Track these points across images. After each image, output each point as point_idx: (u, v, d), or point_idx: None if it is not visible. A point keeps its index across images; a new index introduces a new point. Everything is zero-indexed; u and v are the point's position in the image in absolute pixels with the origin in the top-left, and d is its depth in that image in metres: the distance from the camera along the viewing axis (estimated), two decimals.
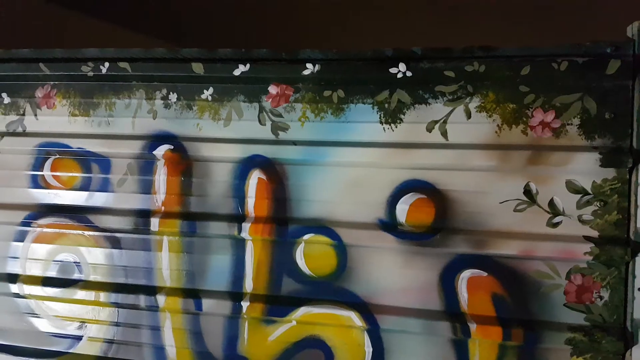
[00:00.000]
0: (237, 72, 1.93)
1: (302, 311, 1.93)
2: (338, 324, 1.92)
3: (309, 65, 1.89)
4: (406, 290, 1.87)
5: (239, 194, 1.97)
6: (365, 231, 1.88)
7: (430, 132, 1.84)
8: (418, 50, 1.84)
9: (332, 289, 1.92)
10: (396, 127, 1.85)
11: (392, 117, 1.85)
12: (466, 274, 1.85)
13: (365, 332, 1.89)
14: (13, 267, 2.12)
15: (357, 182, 1.89)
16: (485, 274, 1.83)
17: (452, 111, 1.83)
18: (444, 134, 1.83)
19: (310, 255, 1.94)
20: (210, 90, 1.96)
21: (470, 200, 1.83)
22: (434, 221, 1.85)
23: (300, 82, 1.91)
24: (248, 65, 1.92)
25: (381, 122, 1.86)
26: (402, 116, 1.85)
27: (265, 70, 1.92)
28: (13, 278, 2.12)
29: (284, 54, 1.91)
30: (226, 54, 1.93)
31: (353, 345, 1.91)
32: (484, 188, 1.82)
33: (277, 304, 1.95)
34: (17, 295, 2.11)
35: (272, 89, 1.92)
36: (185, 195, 2.01)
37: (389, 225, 1.87)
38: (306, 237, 1.92)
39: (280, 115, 1.91)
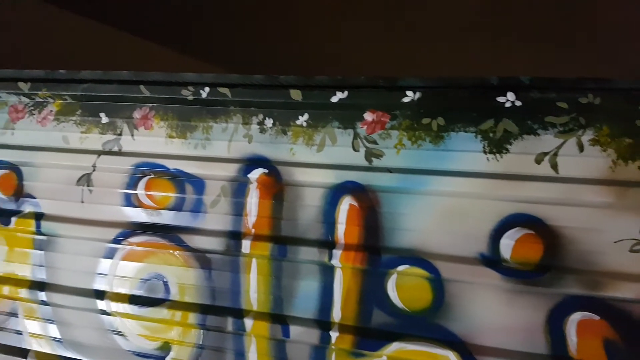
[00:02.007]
0: (334, 99, 1.40)
1: (394, 347, 1.38)
2: None
3: (409, 93, 1.34)
4: (509, 330, 1.32)
5: (330, 220, 1.46)
6: (465, 266, 1.33)
7: (539, 164, 1.29)
8: (526, 80, 1.33)
9: (427, 325, 1.38)
10: (501, 157, 1.30)
11: (497, 146, 1.31)
12: (576, 316, 1.29)
13: None
14: (101, 284, 1.63)
15: (456, 213, 1.36)
16: (598, 317, 1.28)
17: (563, 143, 1.28)
18: (554, 166, 1.28)
19: (404, 288, 1.40)
20: (306, 116, 1.45)
21: (582, 238, 1.28)
22: (542, 259, 1.29)
23: (398, 109, 1.39)
24: (346, 92, 1.36)
25: (485, 152, 1.32)
26: (508, 146, 1.31)
27: (363, 97, 1.42)
28: (100, 295, 1.63)
29: (382, 81, 1.36)
30: (324, 81, 1.43)
31: None
32: (597, 225, 1.28)
33: (367, 337, 1.41)
34: (103, 312, 1.63)
35: (368, 116, 1.40)
36: (276, 218, 1.51)
37: (492, 260, 1.32)
38: (400, 268, 1.37)
39: (375, 142, 1.38)
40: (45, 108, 1.70)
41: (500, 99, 1.36)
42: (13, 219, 1.69)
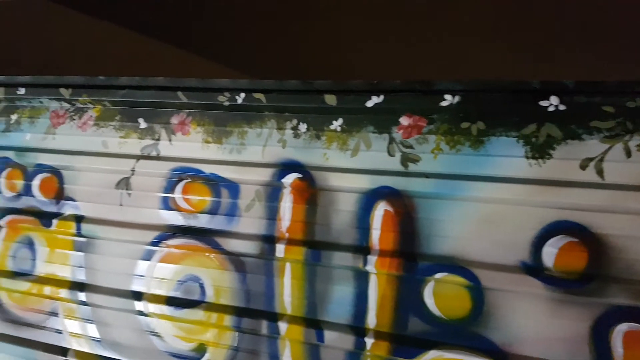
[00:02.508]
0: (369, 104, 1.29)
1: (431, 355, 1.27)
2: None
3: (448, 97, 1.21)
4: (551, 341, 1.19)
5: (364, 225, 1.36)
6: (506, 274, 1.21)
7: (584, 170, 1.16)
8: (570, 83, 1.20)
9: (466, 334, 1.26)
10: (544, 162, 1.18)
11: (539, 151, 1.19)
12: (622, 327, 1.16)
13: None
14: (138, 285, 1.56)
15: (496, 220, 1.24)
16: None
17: (609, 149, 1.16)
18: (600, 172, 1.15)
19: (442, 296, 1.28)
20: (340, 120, 1.36)
21: (628, 246, 1.15)
22: (586, 267, 1.17)
23: (436, 113, 1.27)
24: (382, 97, 1.25)
25: (527, 157, 1.20)
26: (551, 151, 1.18)
27: (399, 102, 1.30)
28: (138, 296, 1.56)
29: (419, 85, 1.24)
30: (359, 85, 1.32)
31: None
32: None
33: (403, 344, 1.30)
34: (141, 313, 1.56)
35: (404, 120, 1.29)
36: (310, 223, 1.42)
37: (534, 269, 1.20)
38: (438, 275, 1.27)
39: (411, 147, 1.28)
40: (85, 113, 1.64)
41: (543, 103, 1.23)
42: (54, 221, 1.64)
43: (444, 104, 1.29)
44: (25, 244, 1.68)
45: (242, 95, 1.46)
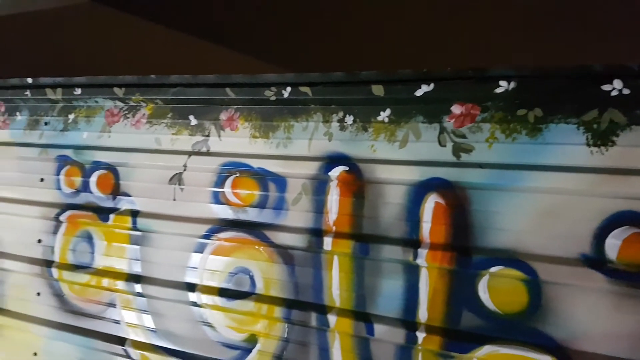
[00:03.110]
0: (419, 93, 1.28)
1: (486, 350, 1.26)
2: None
3: (503, 83, 1.19)
4: (615, 336, 1.17)
5: (414, 218, 1.37)
6: (566, 267, 1.20)
7: None
8: (635, 66, 1.13)
9: (522, 329, 1.25)
10: (607, 150, 1.15)
11: (602, 139, 1.16)
12: None
13: None
14: (192, 277, 1.64)
15: (555, 211, 1.22)
16: None
17: None
18: None
19: (497, 290, 1.28)
20: (388, 111, 1.37)
21: None
22: None
23: (490, 101, 1.24)
24: (432, 85, 1.24)
25: (588, 145, 1.17)
26: (614, 138, 1.16)
27: (450, 90, 1.29)
28: (191, 287, 1.64)
29: (472, 72, 1.23)
30: (408, 74, 1.32)
31: None
32: None
33: (456, 339, 1.29)
34: (194, 304, 1.64)
35: (456, 109, 1.29)
36: (358, 216, 1.43)
37: (596, 261, 1.18)
38: (493, 269, 1.26)
39: (463, 136, 1.27)
40: (138, 112, 1.73)
41: (606, 88, 1.19)
42: (111, 216, 1.74)
43: (498, 90, 1.27)
44: (84, 238, 1.80)
45: (289, 89, 1.50)
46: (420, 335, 1.34)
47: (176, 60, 2.38)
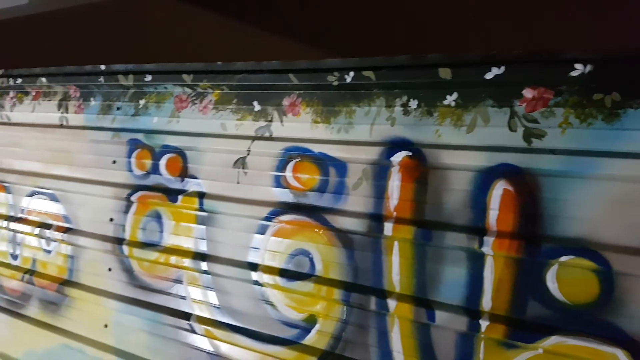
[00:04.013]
0: (488, 76, 1.30)
1: (552, 340, 1.29)
2: None
3: (579, 66, 1.19)
4: None
5: (480, 205, 1.39)
6: None
7: None
8: None
9: (593, 320, 1.26)
10: None
11: None
12: None
13: None
14: (254, 257, 1.76)
15: (632, 200, 1.21)
16: None
17: None
18: None
19: (566, 280, 1.29)
20: (455, 95, 1.39)
21: None
22: None
23: (564, 85, 1.23)
24: (503, 68, 1.25)
25: None
26: None
27: (522, 73, 1.29)
28: (254, 267, 1.76)
29: (545, 54, 1.23)
30: (477, 57, 1.34)
31: None
32: None
33: (521, 329, 1.31)
34: (256, 283, 1.76)
35: (528, 93, 1.29)
36: (420, 202, 1.46)
37: None
38: (563, 258, 1.28)
39: (535, 121, 1.28)
40: (205, 98, 1.86)
41: None
42: (179, 197, 1.90)
43: (573, 74, 1.26)
44: (154, 218, 1.97)
45: (351, 74, 1.55)
46: (484, 324, 1.37)
47: (239, 48, 2.51)
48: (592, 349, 1.25)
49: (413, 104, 1.50)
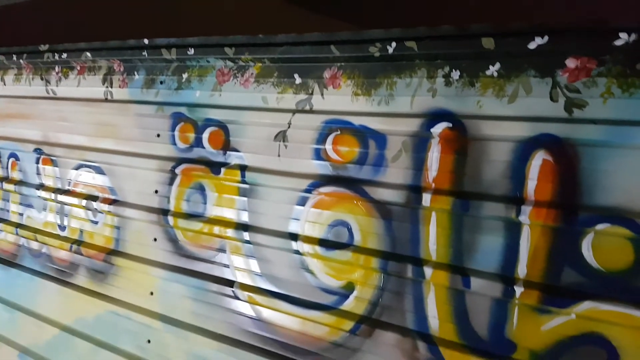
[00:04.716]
0: (531, 46, 1.37)
1: (586, 305, 1.41)
2: (630, 325, 1.35)
3: (623, 35, 1.25)
4: None
5: (519, 176, 1.49)
6: None
7: None
8: None
9: (626, 287, 1.36)
10: None
11: None
12: None
13: None
14: (294, 227, 1.92)
15: None
16: None
17: None
18: None
19: (602, 247, 1.39)
20: (497, 65, 1.49)
21: None
22: None
23: (608, 54, 1.30)
24: (546, 38, 1.33)
25: None
26: None
27: (565, 43, 1.36)
28: (294, 236, 1.92)
29: (590, 23, 1.28)
30: (520, 27, 1.41)
31: None
32: None
33: (555, 294, 1.42)
34: (297, 252, 1.92)
35: (571, 62, 1.37)
36: (459, 173, 1.58)
37: None
38: (599, 227, 1.37)
39: (577, 91, 1.36)
40: (247, 71, 2.00)
41: None
42: (222, 170, 2.06)
43: (617, 43, 1.33)
44: (197, 190, 2.15)
45: (394, 44, 1.65)
46: (518, 290, 1.49)
47: (280, 21, 2.60)
48: (624, 314, 1.35)
49: (455, 74, 1.59)
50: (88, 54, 2.44)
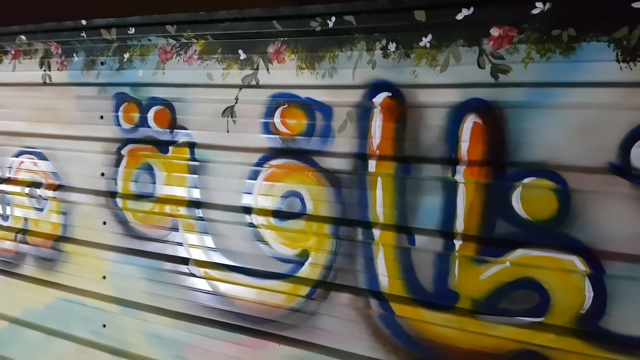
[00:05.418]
0: (459, 17, 1.48)
1: (518, 253, 1.55)
2: (557, 268, 1.52)
3: (539, 4, 1.38)
4: (638, 237, 1.33)
5: (453, 139, 1.61)
6: (594, 175, 1.43)
7: None
8: None
9: (552, 234, 1.52)
10: (635, 65, 1.38)
11: (631, 54, 1.38)
12: None
13: (587, 277, 1.48)
14: (247, 201, 1.97)
15: (585, 125, 1.45)
16: None
17: None
18: None
19: (529, 199, 1.54)
20: (429, 37, 1.58)
21: None
22: None
23: (527, 23, 1.44)
24: (472, 9, 1.44)
25: (618, 61, 1.38)
26: None
27: (489, 13, 1.48)
28: (247, 210, 1.96)
29: None
30: None
31: (572, 288, 1.50)
32: None
33: (490, 245, 1.56)
34: (251, 225, 1.97)
35: (494, 31, 1.49)
36: (400, 140, 1.67)
37: (622, 169, 1.42)
38: (525, 180, 1.50)
39: (501, 58, 1.49)
40: (190, 48, 2.00)
41: (636, 5, 1.36)
42: (170, 148, 2.07)
43: (534, 12, 1.46)
44: (146, 170, 2.14)
45: (333, 19, 1.71)
46: (458, 243, 1.62)
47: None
48: (552, 257, 1.51)
49: (392, 46, 1.68)
50: (22, 37, 2.33)
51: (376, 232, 1.74)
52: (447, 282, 1.65)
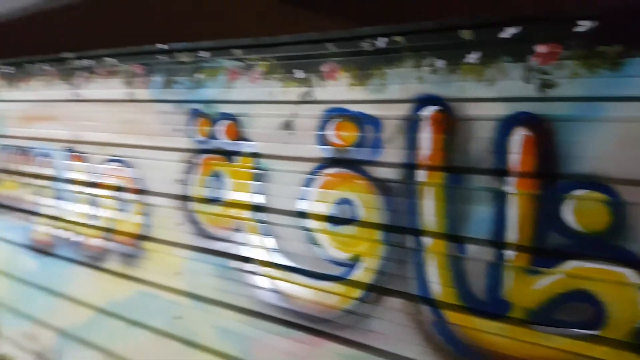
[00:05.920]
0: (505, 35, 1.50)
1: (570, 264, 1.57)
2: (610, 280, 1.51)
3: (583, 22, 1.37)
4: None
5: (502, 150, 1.64)
6: None
7: None
8: None
9: (605, 246, 1.51)
10: None
11: None
12: None
13: None
14: (303, 206, 2.10)
15: (635, 138, 1.36)
16: None
17: None
18: None
19: (581, 212, 1.54)
20: (475, 53, 1.60)
21: None
22: None
23: (571, 40, 1.42)
24: (517, 28, 1.49)
25: None
26: None
27: (533, 31, 1.49)
28: (303, 215, 2.10)
29: (553, 13, 1.42)
30: (494, 18, 1.54)
31: (627, 301, 1.49)
32: None
33: (542, 256, 1.61)
34: (306, 229, 2.10)
35: (540, 48, 1.49)
36: (449, 151, 1.75)
37: None
38: (577, 192, 1.51)
39: (547, 73, 1.49)
40: (254, 69, 2.18)
41: None
42: (237, 158, 2.27)
43: (579, 30, 1.47)
44: (215, 177, 2.35)
45: (384, 39, 1.81)
46: (509, 253, 1.65)
47: (280, 24, 2.78)
48: (604, 270, 1.51)
49: (439, 63, 1.74)
50: (110, 59, 2.66)
51: (427, 240, 1.81)
52: (499, 291, 1.68)
